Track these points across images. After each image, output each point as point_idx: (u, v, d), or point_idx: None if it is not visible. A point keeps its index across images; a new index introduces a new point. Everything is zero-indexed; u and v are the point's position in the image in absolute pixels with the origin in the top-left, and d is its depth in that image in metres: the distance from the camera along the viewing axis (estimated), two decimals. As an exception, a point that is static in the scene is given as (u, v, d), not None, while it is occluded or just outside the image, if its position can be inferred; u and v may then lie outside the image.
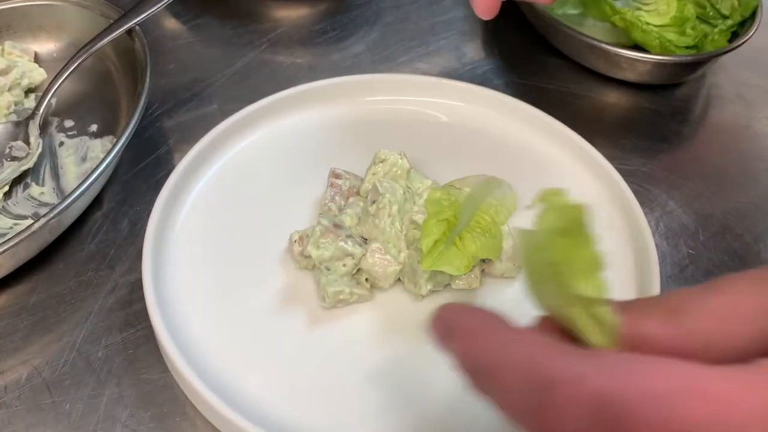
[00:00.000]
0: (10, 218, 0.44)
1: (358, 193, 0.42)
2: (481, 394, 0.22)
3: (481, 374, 0.22)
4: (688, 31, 0.54)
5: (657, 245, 0.41)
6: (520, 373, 0.21)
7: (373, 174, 0.41)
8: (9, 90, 0.50)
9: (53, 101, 0.50)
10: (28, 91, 0.52)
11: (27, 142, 0.47)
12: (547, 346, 0.21)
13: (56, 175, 0.46)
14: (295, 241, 0.40)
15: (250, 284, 0.39)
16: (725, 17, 0.55)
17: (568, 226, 0.22)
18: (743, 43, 0.53)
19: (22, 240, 0.37)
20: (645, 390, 0.19)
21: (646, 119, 0.54)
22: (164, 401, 0.36)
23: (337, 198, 0.42)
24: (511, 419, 0.21)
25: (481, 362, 0.22)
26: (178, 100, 0.53)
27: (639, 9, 0.55)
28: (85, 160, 0.47)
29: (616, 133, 0.53)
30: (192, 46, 0.58)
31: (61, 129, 0.49)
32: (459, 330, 0.23)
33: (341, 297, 0.37)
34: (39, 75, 0.52)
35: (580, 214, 0.22)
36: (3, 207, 0.44)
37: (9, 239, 0.37)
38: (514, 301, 0.39)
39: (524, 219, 0.42)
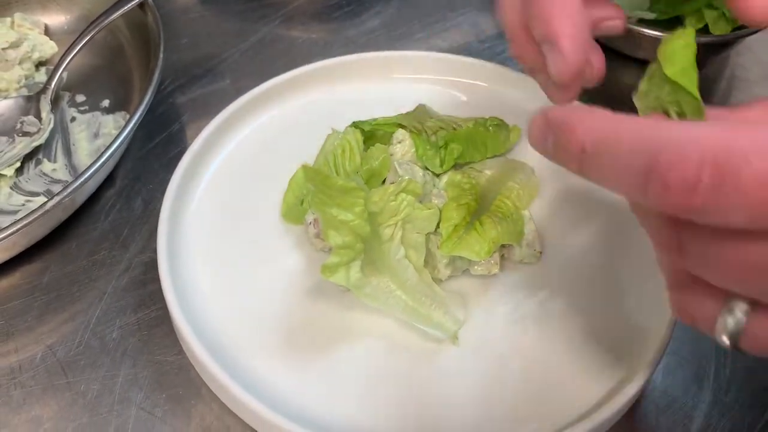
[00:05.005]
0: (23, 195, 0.43)
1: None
2: (589, 175, 0.23)
3: (592, 153, 0.23)
4: None
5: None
6: (632, 141, 0.21)
7: (391, 155, 0.41)
8: (20, 63, 0.49)
9: (64, 75, 0.49)
10: (39, 65, 0.51)
11: (38, 117, 0.46)
12: (656, 122, 0.23)
13: (68, 152, 0.46)
14: (310, 223, 0.39)
15: (266, 266, 0.39)
16: (752, -4, 0.53)
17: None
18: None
19: (35, 218, 0.37)
20: (755, 141, 0.19)
21: (668, 101, 0.53)
22: (179, 383, 0.36)
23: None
24: (619, 191, 0.23)
25: (592, 138, 0.23)
26: (190, 76, 0.52)
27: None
28: (97, 136, 0.47)
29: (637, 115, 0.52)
30: (204, 20, 0.57)
31: (73, 104, 0.49)
32: (565, 118, 0.24)
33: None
34: (50, 48, 0.51)
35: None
36: (15, 183, 0.44)
37: (23, 218, 0.36)
38: (532, 288, 0.38)
39: (546, 204, 0.42)
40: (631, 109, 0.51)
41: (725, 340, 0.24)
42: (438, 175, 0.40)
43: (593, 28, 0.33)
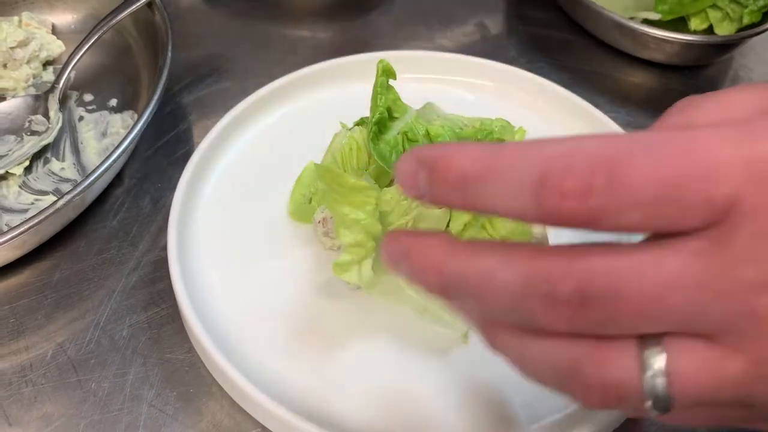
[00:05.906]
0: (31, 194, 0.43)
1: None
2: (475, 202, 0.22)
3: (476, 177, 0.22)
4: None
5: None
6: (517, 159, 0.21)
7: (400, 155, 0.41)
8: (27, 62, 0.49)
9: (72, 74, 0.49)
10: (47, 64, 0.51)
11: (46, 116, 0.46)
12: (532, 141, 0.22)
13: (76, 150, 0.46)
14: (318, 222, 0.39)
15: (276, 263, 0.39)
16: (757, -3, 0.53)
17: None
18: (775, 23, 0.52)
19: (46, 217, 0.37)
20: (637, 141, 0.20)
21: (673, 101, 0.53)
22: (190, 381, 0.36)
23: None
24: (508, 212, 0.22)
25: (474, 164, 0.22)
26: (196, 75, 0.52)
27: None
28: (105, 135, 0.47)
29: (641, 114, 0.52)
30: (210, 19, 0.57)
31: (81, 103, 0.49)
32: (439, 152, 0.23)
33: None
34: (57, 47, 0.51)
35: None
36: (24, 182, 0.44)
37: (33, 216, 0.37)
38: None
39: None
40: (634, 107, 0.52)
41: (651, 405, 0.21)
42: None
43: None
